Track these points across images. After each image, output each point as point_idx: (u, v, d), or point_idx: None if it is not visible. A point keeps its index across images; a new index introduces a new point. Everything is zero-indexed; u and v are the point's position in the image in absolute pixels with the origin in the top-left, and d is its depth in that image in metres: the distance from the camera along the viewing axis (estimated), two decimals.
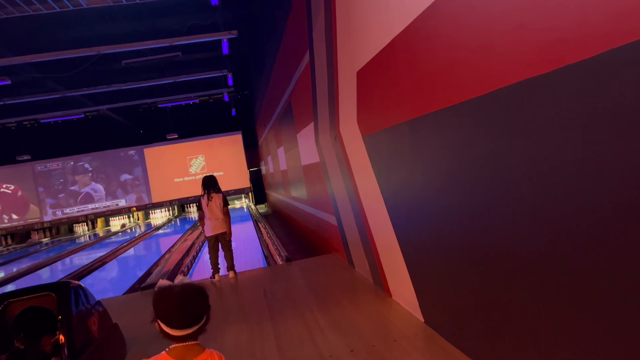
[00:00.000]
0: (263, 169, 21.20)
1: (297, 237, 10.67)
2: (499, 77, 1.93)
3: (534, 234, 1.88)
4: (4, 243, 22.30)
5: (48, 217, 22.42)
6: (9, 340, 2.77)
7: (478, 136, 2.17)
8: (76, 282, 3.09)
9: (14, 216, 22.31)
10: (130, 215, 23.42)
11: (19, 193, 22.38)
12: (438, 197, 2.72)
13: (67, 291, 2.85)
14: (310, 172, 7.36)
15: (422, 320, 3.30)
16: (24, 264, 14.27)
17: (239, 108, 22.99)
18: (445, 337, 2.93)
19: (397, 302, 3.82)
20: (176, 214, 23.45)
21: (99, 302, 3.38)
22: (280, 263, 7.57)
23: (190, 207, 23.70)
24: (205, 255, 12.29)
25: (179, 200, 22.83)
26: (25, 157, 21.18)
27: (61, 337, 2.70)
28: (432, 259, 2.98)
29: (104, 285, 9.07)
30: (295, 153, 8.59)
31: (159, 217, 23.37)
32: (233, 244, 5.97)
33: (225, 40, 10.91)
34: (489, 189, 2.15)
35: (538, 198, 1.82)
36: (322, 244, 7.53)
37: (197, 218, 21.38)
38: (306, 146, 7.22)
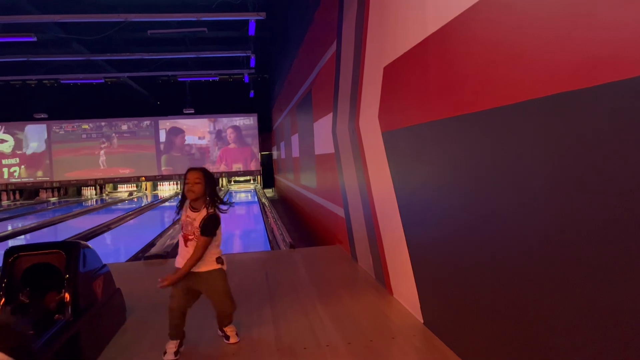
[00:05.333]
0: (274, 153, 21.22)
1: (302, 224, 10.71)
2: (531, 88, 1.91)
3: (546, 247, 1.88)
4: (12, 198, 22.58)
5: (58, 177, 22.63)
6: (14, 293, 2.81)
7: (501, 145, 2.16)
8: (85, 243, 3.13)
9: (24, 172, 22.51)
10: (139, 184, 23.59)
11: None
12: (453, 202, 2.72)
13: (77, 251, 2.89)
14: (323, 162, 7.36)
15: (422, 321, 3.31)
16: (30, 221, 14.46)
17: (257, 90, 23.01)
18: (444, 340, 2.94)
19: (398, 301, 3.83)
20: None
21: (104, 265, 3.42)
22: (284, 249, 7.62)
23: None
24: None
25: None
26: (42, 116, 21.36)
27: (66, 296, 2.74)
28: (439, 262, 2.98)
29: (107, 250, 9.16)
30: (310, 142, 8.59)
31: (166, 189, 23.52)
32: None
33: (252, 21, 10.89)
34: (505, 198, 2.15)
35: (555, 211, 1.81)
36: (326, 235, 7.55)
37: None
38: (322, 136, 7.22)
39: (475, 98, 2.37)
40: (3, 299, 2.74)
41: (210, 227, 2.96)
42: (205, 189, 3.00)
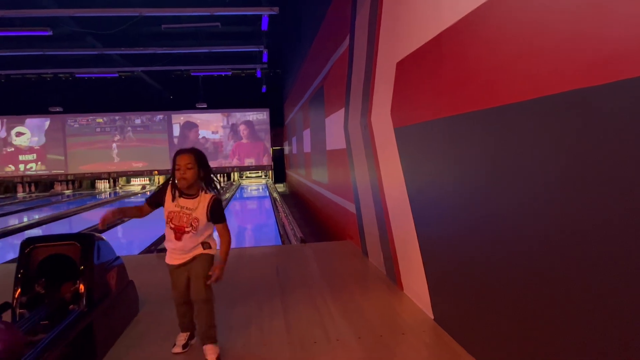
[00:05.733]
0: (286, 148, 21.26)
1: (313, 219, 10.73)
2: (546, 85, 1.90)
3: (560, 244, 1.87)
4: (27, 190, 22.90)
5: (72, 170, 22.90)
6: (30, 283, 2.86)
7: (514, 141, 2.15)
8: (99, 235, 3.17)
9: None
10: (152, 178, 23.79)
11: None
12: (466, 198, 2.71)
13: (91, 243, 2.93)
14: (335, 158, 7.36)
15: (432, 317, 3.31)
16: (45, 213, 14.66)
17: (269, 85, 23.04)
18: (454, 337, 2.94)
19: (408, 297, 3.83)
20: None
21: (118, 258, 3.46)
22: (295, 243, 7.65)
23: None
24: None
25: None
26: (57, 109, 21.61)
27: (81, 287, 2.79)
28: (450, 259, 2.98)
29: (120, 243, 9.26)
30: (322, 137, 8.59)
31: None
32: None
33: (265, 15, 10.90)
34: (518, 195, 2.14)
35: (569, 208, 1.80)
36: (337, 230, 7.57)
37: None
38: (334, 131, 7.22)
39: (489, 94, 2.36)
40: (19, 289, 2.79)
41: (220, 211, 2.78)
42: (198, 173, 2.70)
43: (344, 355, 2.81)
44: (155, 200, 2.81)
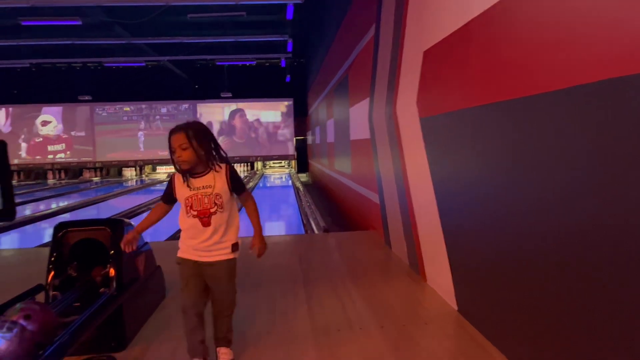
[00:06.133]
0: (309, 138, 21.27)
1: (335, 209, 10.74)
2: (580, 73, 1.86)
3: (588, 237, 1.84)
4: (57, 177, 23.49)
5: (100, 157, 23.37)
6: (63, 266, 2.95)
7: (545, 131, 2.11)
8: (128, 220, 3.24)
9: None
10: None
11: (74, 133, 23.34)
12: (493, 189, 2.68)
13: (121, 228, 3.00)
14: (358, 148, 7.35)
15: (456, 308, 3.30)
16: (74, 199, 15.02)
17: (293, 75, 23.04)
18: (478, 328, 2.93)
19: (432, 288, 3.82)
20: None
21: (146, 243, 3.54)
22: (317, 233, 7.68)
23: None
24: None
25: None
26: (86, 97, 22.03)
27: (111, 271, 2.86)
28: (475, 250, 2.96)
29: (147, 230, 9.42)
30: (345, 127, 8.57)
31: None
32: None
33: (290, 4, 10.88)
34: (547, 187, 2.10)
35: (601, 200, 1.77)
36: (360, 220, 7.57)
37: None
38: (358, 121, 7.19)
39: (519, 84, 2.32)
40: (52, 272, 2.88)
41: (240, 179, 2.54)
42: (198, 149, 2.35)
43: (367, 344, 2.83)
44: (169, 196, 2.51)
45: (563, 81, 1.96)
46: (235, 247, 2.56)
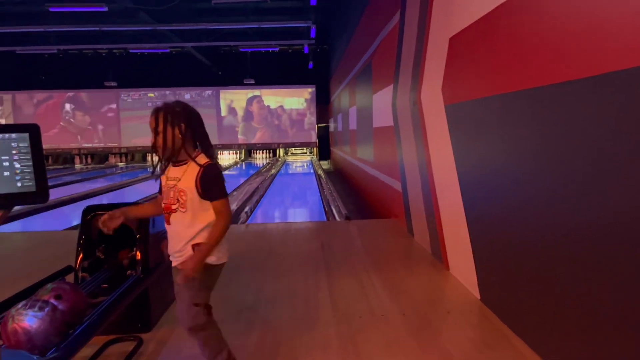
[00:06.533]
0: (331, 125, 21.22)
1: (357, 197, 10.73)
2: (612, 60, 1.81)
3: (615, 227, 1.80)
4: (84, 162, 23.97)
5: (125, 143, 23.74)
6: (91, 249, 3.02)
7: (573, 119, 2.06)
8: None
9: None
10: None
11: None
12: (518, 178, 2.64)
13: None
14: (381, 135, 7.30)
15: (479, 297, 3.28)
16: (100, 184, 15.31)
17: (316, 62, 22.93)
18: (501, 318, 2.91)
19: (454, 276, 3.80)
20: (243, 157, 24.12)
21: None
22: (339, 220, 7.70)
23: (256, 153, 24.33)
24: (270, 198, 12.59)
25: (247, 144, 23.46)
26: (112, 84, 22.33)
27: (137, 254, 2.92)
28: (499, 239, 2.93)
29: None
30: (368, 114, 8.52)
31: (226, 158, 24.16)
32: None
33: None
34: (576, 175, 2.06)
35: (632, 190, 1.72)
36: (381, 208, 7.55)
37: (260, 165, 22.01)
38: (381, 108, 7.14)
39: (548, 70, 2.27)
40: (81, 254, 2.96)
41: (215, 184, 2.04)
42: (168, 135, 1.99)
43: (389, 331, 2.84)
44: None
45: (594, 68, 1.91)
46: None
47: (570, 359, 2.19)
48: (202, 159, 2.05)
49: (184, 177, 2.04)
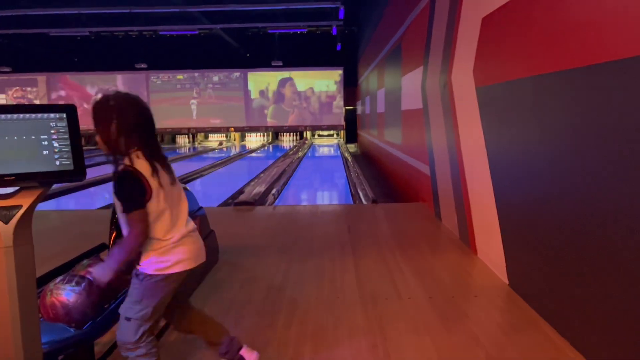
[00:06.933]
0: (359, 108, 21.07)
1: (384, 180, 10.68)
2: None
3: None
4: None
5: (155, 124, 24.08)
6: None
7: (609, 102, 2.00)
8: (184, 185, 3.35)
9: None
10: (228, 134, 24.56)
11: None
12: (552, 162, 2.58)
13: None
14: (410, 118, 7.22)
15: (507, 282, 3.25)
16: None
17: (344, 43, 22.70)
18: (529, 303, 2.88)
19: (482, 261, 3.77)
20: (270, 140, 24.23)
21: (201, 208, 3.66)
22: (366, 203, 7.69)
23: (283, 135, 24.40)
24: (297, 181, 12.64)
25: (274, 127, 23.52)
26: (142, 65, 22.61)
27: None
28: (529, 224, 2.88)
29: (199, 196, 9.74)
30: (397, 96, 8.43)
31: (253, 140, 24.31)
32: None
33: None
34: (609, 161, 2.00)
35: None
36: (409, 192, 7.50)
37: (286, 148, 22.00)
38: (410, 91, 7.05)
39: (584, 51, 2.20)
40: (115, 232, 3.03)
41: (124, 194, 1.78)
42: (106, 132, 1.76)
43: (416, 314, 2.84)
44: None
45: (632, 49, 1.84)
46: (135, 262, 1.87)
47: (599, 345, 2.16)
48: (129, 161, 1.77)
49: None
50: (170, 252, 1.87)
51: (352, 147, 21.59)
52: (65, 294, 2.11)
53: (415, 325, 2.69)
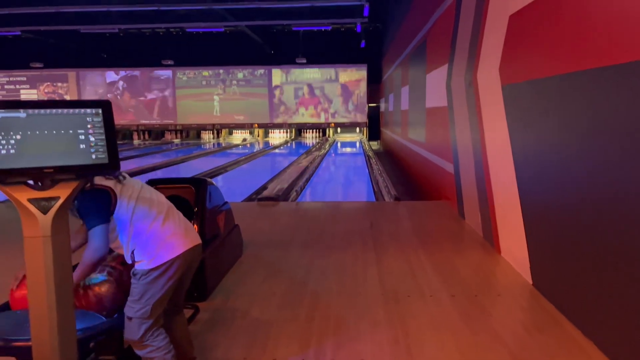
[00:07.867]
0: (382, 106, 20.98)
1: (407, 178, 10.64)
2: None
3: None
4: (142, 137, 24.92)
5: (181, 120, 24.44)
6: None
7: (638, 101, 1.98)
8: (210, 180, 3.42)
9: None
10: (252, 131, 24.74)
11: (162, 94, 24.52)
12: (577, 162, 2.56)
13: (204, 187, 3.18)
14: (434, 116, 7.18)
15: (531, 282, 3.22)
16: (157, 159, 15.89)
17: (368, 40, 22.61)
18: (553, 303, 2.86)
19: (506, 260, 3.75)
20: (293, 136, 24.31)
21: (226, 203, 3.72)
22: (388, 201, 7.69)
23: (306, 132, 24.46)
24: (320, 178, 12.70)
25: (297, 124, 23.60)
26: (169, 62, 22.93)
27: (195, 226, 3.06)
28: (555, 224, 2.86)
29: (223, 191, 9.86)
30: (421, 94, 8.38)
31: (277, 137, 24.43)
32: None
33: None
34: (638, 161, 1.98)
35: None
36: (432, 190, 7.46)
37: (308, 145, 22.07)
38: (434, 88, 7.01)
39: (614, 50, 2.17)
40: None
41: (85, 206, 1.88)
42: None
43: (438, 311, 2.85)
44: None
45: None
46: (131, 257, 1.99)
47: (624, 346, 2.14)
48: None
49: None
50: (158, 243, 1.97)
51: (374, 145, 21.53)
52: (98, 282, 2.19)
53: (437, 323, 2.70)
